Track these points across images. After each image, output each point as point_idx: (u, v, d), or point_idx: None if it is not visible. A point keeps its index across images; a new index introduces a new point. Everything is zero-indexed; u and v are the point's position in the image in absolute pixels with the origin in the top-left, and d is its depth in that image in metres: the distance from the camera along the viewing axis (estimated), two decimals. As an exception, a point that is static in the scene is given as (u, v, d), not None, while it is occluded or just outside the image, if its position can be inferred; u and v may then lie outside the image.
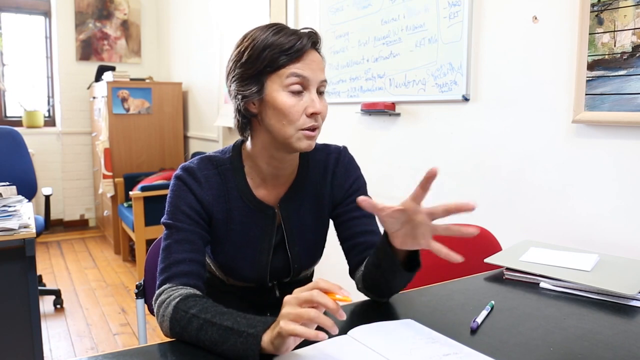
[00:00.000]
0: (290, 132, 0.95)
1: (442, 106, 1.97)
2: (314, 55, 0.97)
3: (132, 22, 5.19)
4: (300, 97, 0.95)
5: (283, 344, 0.76)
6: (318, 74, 0.96)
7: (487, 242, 1.52)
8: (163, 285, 0.95)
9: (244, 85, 0.97)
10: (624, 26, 1.36)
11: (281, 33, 0.94)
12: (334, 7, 2.51)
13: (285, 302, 0.78)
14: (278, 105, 0.94)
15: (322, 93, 0.99)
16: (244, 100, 0.98)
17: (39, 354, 1.71)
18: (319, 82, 0.97)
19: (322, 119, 0.99)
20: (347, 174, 1.13)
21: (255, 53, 0.94)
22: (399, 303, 1.06)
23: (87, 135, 5.06)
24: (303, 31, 0.97)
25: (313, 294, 0.75)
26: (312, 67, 0.95)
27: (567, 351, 0.84)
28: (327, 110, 1.00)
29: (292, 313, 0.75)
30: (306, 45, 0.94)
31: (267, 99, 0.95)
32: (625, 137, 1.40)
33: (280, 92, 0.94)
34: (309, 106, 0.95)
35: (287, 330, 0.73)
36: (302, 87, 0.95)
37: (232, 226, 1.05)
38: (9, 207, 1.84)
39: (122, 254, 4.13)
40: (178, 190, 1.02)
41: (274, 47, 0.93)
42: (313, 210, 1.12)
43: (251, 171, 1.06)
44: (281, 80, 0.94)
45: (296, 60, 0.94)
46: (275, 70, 0.94)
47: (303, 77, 0.94)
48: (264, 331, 0.79)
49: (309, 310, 0.74)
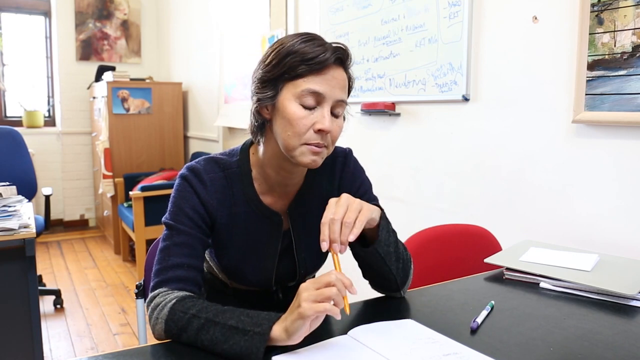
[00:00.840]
0: (294, 144, 0.92)
1: (442, 106, 1.97)
2: (338, 72, 0.93)
3: (132, 22, 5.19)
4: (312, 112, 0.92)
5: (301, 327, 0.78)
6: (336, 91, 0.92)
7: (487, 242, 1.52)
8: (158, 288, 0.94)
9: (261, 88, 0.95)
10: (624, 26, 1.36)
11: (309, 42, 0.91)
12: (334, 7, 2.51)
13: (302, 289, 0.80)
14: (287, 115, 0.92)
15: (336, 115, 0.94)
16: (259, 102, 0.96)
17: (39, 353, 1.71)
18: (334, 100, 0.92)
19: (332, 139, 0.94)
20: (354, 178, 1.13)
21: (278, 57, 0.92)
22: (399, 303, 1.06)
23: (87, 135, 5.06)
24: (331, 45, 0.92)
25: (332, 275, 0.80)
26: (331, 84, 0.91)
27: (567, 351, 0.84)
28: (339, 132, 0.96)
29: (312, 294, 0.78)
30: (329, 59, 0.90)
31: (279, 105, 0.93)
32: (626, 137, 1.40)
33: (292, 102, 0.91)
34: (317, 122, 0.91)
35: (311, 309, 0.77)
36: (315, 101, 0.91)
37: (237, 231, 1.04)
38: (9, 207, 1.84)
39: (122, 254, 4.13)
40: (182, 190, 1.00)
41: (297, 55, 0.90)
42: (320, 215, 1.11)
43: (259, 177, 1.04)
44: (296, 90, 0.91)
45: (316, 73, 0.90)
46: (293, 78, 0.91)
47: (317, 92, 0.90)
48: (271, 327, 0.79)
49: (330, 289, 0.78)
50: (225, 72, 3.76)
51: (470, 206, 1.87)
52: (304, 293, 0.79)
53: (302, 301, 0.78)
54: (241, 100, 3.51)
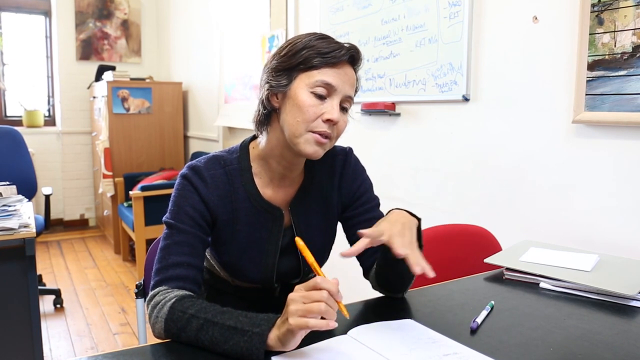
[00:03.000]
0: (300, 130, 0.95)
1: (442, 106, 1.97)
2: (349, 70, 0.98)
3: (132, 22, 5.19)
4: (322, 102, 0.95)
5: (292, 340, 0.77)
6: (347, 87, 0.97)
7: (487, 242, 1.52)
8: (158, 287, 0.95)
9: (275, 76, 0.98)
10: (624, 26, 1.36)
11: (324, 40, 0.96)
12: (334, 7, 2.51)
13: (290, 300, 0.79)
14: (298, 101, 0.95)
15: (345, 109, 0.99)
16: (270, 90, 0.99)
17: (39, 353, 1.71)
18: (344, 95, 0.97)
19: (337, 132, 0.98)
20: (354, 177, 1.14)
21: (295, 49, 0.96)
22: (399, 303, 1.06)
23: (87, 135, 5.06)
24: (345, 44, 0.98)
25: (317, 280, 0.78)
26: (343, 79, 0.96)
27: (567, 351, 0.84)
28: (344, 126, 1.00)
29: (300, 309, 0.76)
30: (344, 56, 0.95)
31: (291, 93, 0.96)
32: (626, 137, 1.40)
33: (304, 90, 0.95)
34: (326, 112, 0.95)
35: (298, 324, 0.75)
36: (326, 92, 0.95)
37: (238, 227, 1.05)
38: (9, 207, 1.84)
39: (122, 253, 4.13)
40: (183, 189, 1.01)
41: (313, 49, 0.95)
42: (321, 212, 1.12)
43: (259, 171, 1.06)
44: (309, 80, 0.95)
45: (329, 66, 0.95)
46: (308, 69, 0.95)
47: (330, 84, 0.94)
48: (269, 329, 0.79)
49: (319, 305, 0.76)
50: (225, 72, 3.76)
51: (470, 206, 1.87)
52: (291, 306, 0.78)
53: (290, 315, 0.77)
54: (241, 100, 3.51)
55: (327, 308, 0.76)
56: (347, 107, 0.99)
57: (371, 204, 1.14)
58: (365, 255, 1.11)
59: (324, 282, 0.78)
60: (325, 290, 0.78)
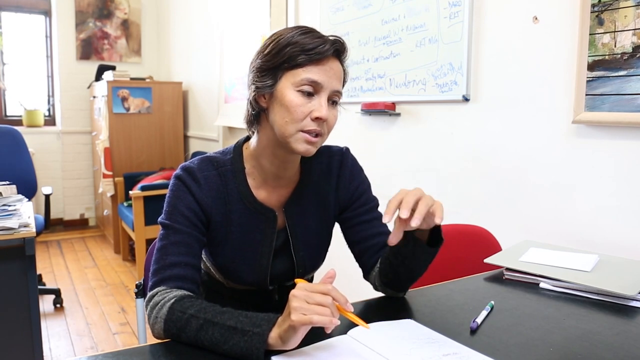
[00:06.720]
0: (290, 130, 0.94)
1: (442, 106, 1.97)
2: (335, 64, 0.96)
3: (132, 22, 5.18)
4: (309, 100, 0.94)
5: (294, 336, 0.77)
6: (334, 82, 0.95)
7: (487, 242, 1.52)
8: (156, 287, 0.94)
9: (260, 77, 0.97)
10: (625, 27, 1.36)
11: (308, 35, 0.94)
12: (334, 7, 2.51)
13: (292, 297, 0.78)
14: (285, 102, 0.94)
15: (335, 103, 0.98)
16: (257, 91, 0.98)
17: (39, 353, 1.71)
18: (332, 91, 0.95)
19: (327, 128, 0.97)
20: (352, 177, 1.13)
21: (278, 47, 0.94)
22: (399, 303, 1.06)
23: (87, 135, 5.06)
24: (329, 37, 0.96)
25: (329, 287, 0.78)
26: (328, 74, 0.94)
27: (567, 351, 0.84)
28: (335, 121, 0.98)
29: (304, 307, 0.76)
30: (328, 51, 0.93)
31: (277, 94, 0.95)
32: (626, 137, 1.40)
33: (291, 90, 0.93)
34: (315, 110, 0.93)
35: (300, 321, 0.75)
36: (313, 90, 0.94)
37: (232, 228, 1.04)
38: (9, 206, 1.84)
39: (122, 253, 4.13)
40: (177, 190, 1.01)
41: (297, 46, 0.92)
42: (317, 214, 1.11)
43: (252, 171, 1.05)
44: (295, 79, 0.93)
45: (314, 63, 0.93)
46: (292, 68, 0.93)
47: (316, 81, 0.93)
48: (270, 329, 0.79)
49: (323, 309, 0.76)
50: (225, 71, 3.76)
51: (470, 206, 1.87)
52: (294, 302, 0.77)
53: (292, 311, 0.76)
54: (241, 99, 3.51)
55: (330, 316, 0.76)
56: (336, 100, 0.98)
57: (370, 204, 1.13)
58: (366, 256, 1.11)
59: (334, 291, 0.78)
60: (332, 297, 0.77)
